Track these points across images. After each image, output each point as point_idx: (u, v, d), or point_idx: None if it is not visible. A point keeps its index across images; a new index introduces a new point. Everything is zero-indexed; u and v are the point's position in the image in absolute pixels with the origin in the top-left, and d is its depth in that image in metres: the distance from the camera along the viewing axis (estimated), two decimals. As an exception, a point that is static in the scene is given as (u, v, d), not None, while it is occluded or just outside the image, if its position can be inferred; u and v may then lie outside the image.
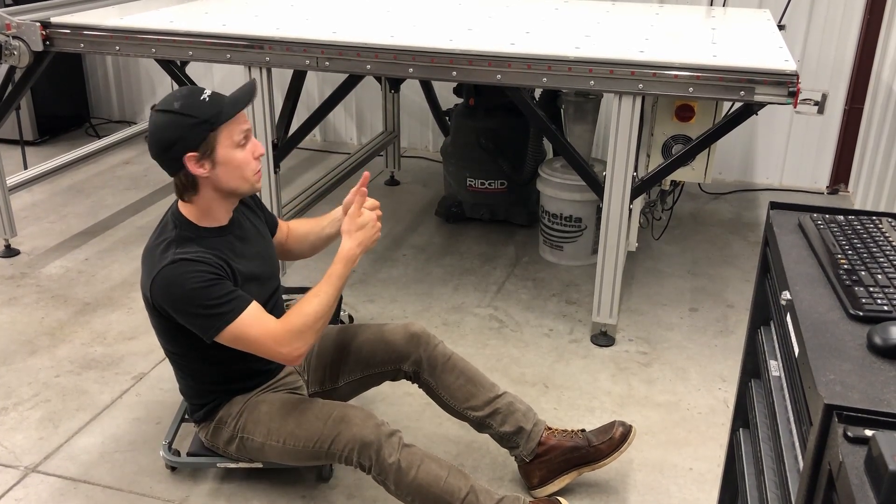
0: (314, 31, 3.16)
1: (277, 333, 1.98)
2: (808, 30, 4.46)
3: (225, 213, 2.10)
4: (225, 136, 1.98)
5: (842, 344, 1.16)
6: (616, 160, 2.86)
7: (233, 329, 1.96)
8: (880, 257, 1.37)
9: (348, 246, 2.07)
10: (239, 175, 2.02)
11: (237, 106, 2.00)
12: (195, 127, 1.94)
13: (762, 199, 4.65)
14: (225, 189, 2.03)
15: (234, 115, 1.99)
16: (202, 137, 1.95)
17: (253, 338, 1.98)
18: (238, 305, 1.96)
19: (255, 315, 1.99)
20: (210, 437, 2.24)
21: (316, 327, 2.01)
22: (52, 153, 4.68)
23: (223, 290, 1.96)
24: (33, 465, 2.46)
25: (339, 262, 2.06)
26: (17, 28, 3.28)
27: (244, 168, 2.02)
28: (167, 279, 1.95)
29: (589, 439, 2.31)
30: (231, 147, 1.99)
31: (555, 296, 3.50)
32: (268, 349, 2.00)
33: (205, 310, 1.95)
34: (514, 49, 2.88)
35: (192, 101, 1.96)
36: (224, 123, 1.97)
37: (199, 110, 1.95)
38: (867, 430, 0.94)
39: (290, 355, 2.00)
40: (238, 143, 2.00)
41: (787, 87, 2.61)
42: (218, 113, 1.96)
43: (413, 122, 5.33)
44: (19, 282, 3.57)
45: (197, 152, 1.95)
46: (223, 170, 2.00)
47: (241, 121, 2.01)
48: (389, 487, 2.05)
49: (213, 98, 1.98)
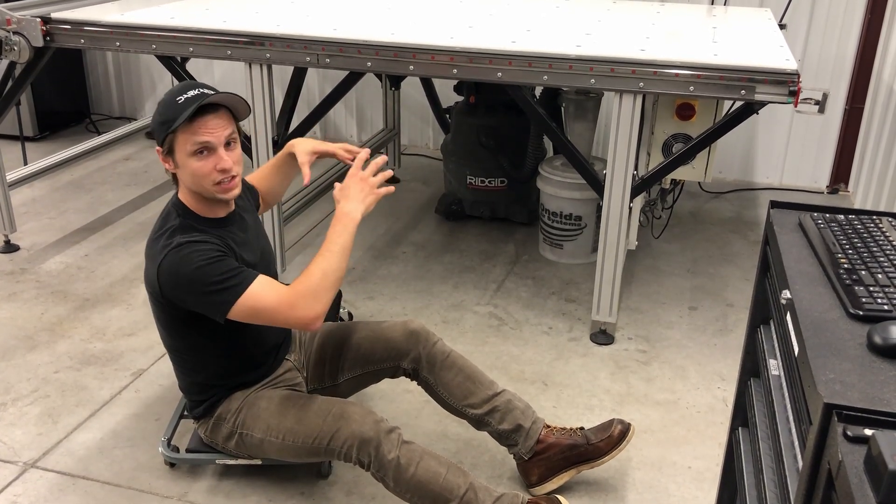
0: (315, 27, 3.16)
1: (291, 297, 1.93)
2: (808, 29, 4.46)
3: (218, 208, 2.10)
4: (181, 141, 1.97)
5: (842, 343, 1.16)
6: (616, 158, 2.86)
7: (245, 300, 1.93)
8: (880, 257, 1.37)
9: (341, 205, 2.03)
10: (197, 183, 2.01)
11: (185, 117, 1.92)
12: (159, 125, 1.97)
13: (762, 198, 4.65)
14: (192, 189, 2.04)
15: (187, 124, 1.94)
16: (162, 136, 1.97)
17: (267, 306, 1.93)
18: (246, 277, 1.95)
19: (266, 284, 1.96)
20: (209, 433, 2.24)
21: (326, 285, 1.94)
22: (52, 149, 4.68)
23: (229, 265, 1.95)
24: (32, 460, 2.47)
25: (333, 222, 2.02)
26: (18, 23, 3.28)
27: (201, 178, 1.99)
28: (173, 263, 1.95)
29: (588, 437, 2.31)
30: (185, 154, 1.97)
31: (554, 294, 3.51)
32: (284, 315, 1.94)
33: (215, 286, 1.93)
34: (515, 47, 2.88)
35: (169, 98, 1.97)
36: (179, 130, 1.94)
37: (167, 109, 1.96)
38: (867, 430, 0.94)
39: (306, 317, 1.93)
40: (191, 152, 1.96)
41: (787, 86, 2.61)
42: (175, 118, 1.93)
43: (413, 120, 5.32)
44: (19, 277, 3.57)
45: (161, 148, 1.99)
46: (182, 172, 2.01)
47: (199, 132, 1.95)
48: (388, 484, 2.05)
49: (189, 100, 1.94)
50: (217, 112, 1.98)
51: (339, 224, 2.00)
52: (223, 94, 1.99)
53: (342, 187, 2.05)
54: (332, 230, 2.01)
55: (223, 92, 2.00)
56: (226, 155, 1.99)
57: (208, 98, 1.95)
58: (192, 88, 1.98)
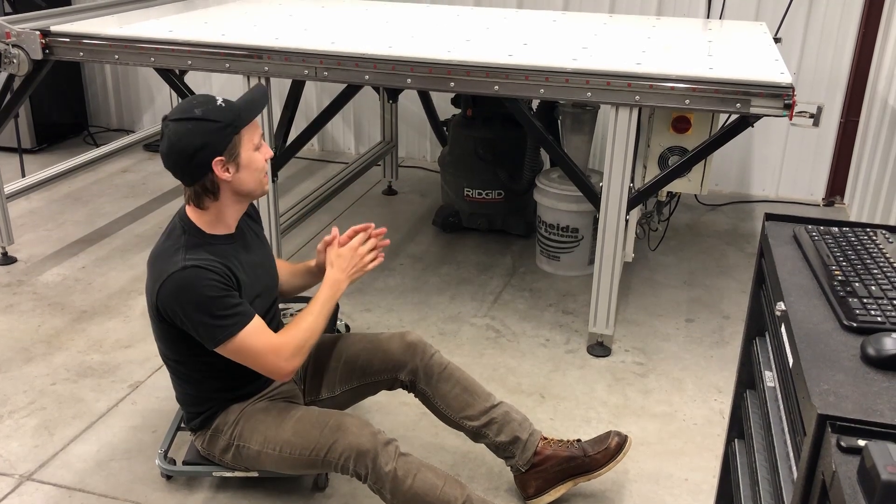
0: (313, 41, 3.17)
1: (277, 346, 2.04)
2: (804, 42, 4.48)
3: (234, 219, 2.12)
4: (247, 139, 2.02)
5: (836, 355, 1.17)
6: (613, 171, 2.87)
7: (237, 341, 1.99)
8: (874, 269, 1.38)
9: (332, 272, 2.19)
10: (258, 178, 2.07)
11: (255, 109, 2.06)
12: (220, 131, 1.97)
13: (758, 210, 4.66)
14: (244, 192, 2.07)
15: (254, 117, 2.05)
16: (228, 141, 1.98)
17: (255, 350, 2.02)
18: (243, 318, 2.00)
19: (259, 328, 2.03)
20: (206, 445, 2.24)
21: (310, 343, 2.11)
22: (50, 161, 4.69)
23: (231, 301, 1.99)
24: (28, 473, 2.46)
25: (323, 286, 2.18)
26: (17, 36, 3.29)
27: (260, 172, 2.08)
28: (177, 285, 1.96)
29: (585, 449, 2.31)
30: (251, 149, 2.04)
31: (551, 306, 3.51)
32: (266, 361, 2.04)
33: (212, 319, 1.97)
34: (512, 60, 2.90)
35: (212, 108, 1.98)
36: (245, 126, 2.01)
37: (222, 115, 1.98)
38: (860, 441, 0.95)
39: (285, 368, 2.06)
40: (257, 145, 2.05)
41: (782, 99, 2.63)
42: (239, 116, 2.00)
43: (411, 132, 5.34)
44: (16, 289, 3.57)
45: (223, 156, 1.98)
46: (246, 172, 2.03)
47: (256, 126, 2.07)
48: (385, 496, 2.05)
49: (229, 103, 2.02)
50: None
51: (329, 290, 2.16)
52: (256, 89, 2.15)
53: (337, 255, 2.20)
54: (322, 293, 2.16)
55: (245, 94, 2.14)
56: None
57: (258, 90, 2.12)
58: (211, 98, 2.03)
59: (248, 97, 2.09)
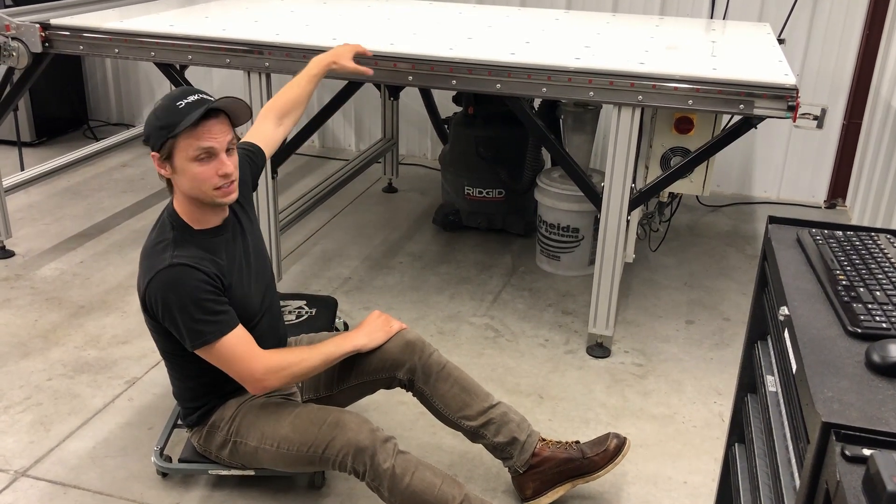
0: (314, 37, 3.15)
1: (258, 358, 2.04)
2: (807, 44, 4.47)
3: (212, 215, 2.08)
4: (183, 146, 1.95)
5: (840, 361, 1.15)
6: (614, 171, 2.86)
7: (218, 345, 1.99)
8: (879, 274, 1.37)
9: (357, 331, 2.25)
10: (201, 188, 1.99)
11: (191, 121, 1.91)
12: (157, 129, 1.96)
13: (760, 212, 4.65)
14: (188, 195, 2.02)
15: (191, 129, 1.93)
16: (161, 141, 1.95)
17: (234, 356, 2.01)
18: (226, 326, 2.00)
19: (241, 336, 2.02)
20: (202, 441, 2.23)
21: (294, 371, 2.08)
22: (49, 155, 4.67)
23: (215, 307, 1.98)
24: (23, 468, 2.45)
25: (343, 337, 2.23)
26: (17, 29, 3.28)
27: (201, 183, 1.98)
28: (164, 283, 1.95)
29: (583, 451, 2.29)
30: (187, 159, 1.96)
31: (551, 306, 3.50)
32: (242, 368, 2.03)
33: (194, 322, 1.96)
34: (514, 59, 2.88)
35: (168, 103, 1.95)
36: (181, 135, 1.93)
37: (167, 113, 1.94)
38: (865, 450, 0.94)
39: (259, 381, 2.05)
40: (193, 157, 1.95)
41: (786, 101, 2.61)
42: (175, 123, 1.92)
43: (412, 130, 5.32)
44: (13, 283, 3.55)
45: (158, 154, 1.98)
46: (181, 178, 1.99)
47: (203, 138, 1.94)
48: (383, 494, 2.04)
49: (190, 105, 1.93)
50: (219, 117, 1.98)
51: (344, 341, 2.21)
52: (227, 99, 2.00)
53: (371, 317, 2.29)
54: (335, 340, 2.20)
55: (224, 97, 2.00)
56: (227, 160, 1.99)
57: (214, 103, 1.95)
58: (191, 94, 1.98)
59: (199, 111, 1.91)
